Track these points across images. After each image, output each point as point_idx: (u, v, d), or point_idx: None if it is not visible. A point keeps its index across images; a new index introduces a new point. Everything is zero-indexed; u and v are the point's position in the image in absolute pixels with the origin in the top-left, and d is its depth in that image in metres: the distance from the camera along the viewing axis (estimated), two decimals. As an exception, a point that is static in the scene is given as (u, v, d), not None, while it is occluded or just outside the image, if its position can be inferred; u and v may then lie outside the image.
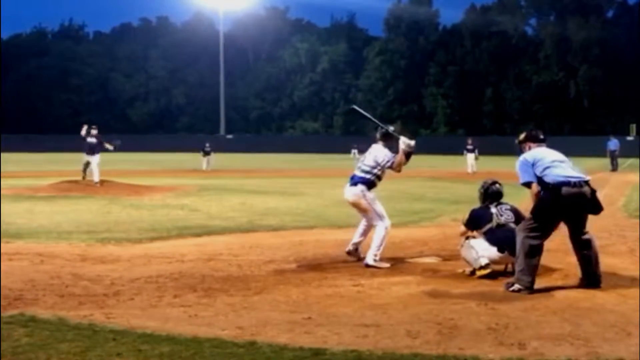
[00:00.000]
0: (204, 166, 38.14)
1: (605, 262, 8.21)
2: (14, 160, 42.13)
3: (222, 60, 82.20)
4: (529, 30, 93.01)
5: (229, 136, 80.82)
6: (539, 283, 7.47)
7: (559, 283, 7.68)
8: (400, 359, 5.00)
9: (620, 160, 40.73)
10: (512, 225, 8.11)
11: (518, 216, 8.34)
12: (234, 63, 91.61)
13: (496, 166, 28.21)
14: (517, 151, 8.15)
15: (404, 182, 23.62)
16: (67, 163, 28.24)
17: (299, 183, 25.79)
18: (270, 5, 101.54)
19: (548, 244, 7.62)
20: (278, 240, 11.12)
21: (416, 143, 8.92)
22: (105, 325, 5.82)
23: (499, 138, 67.24)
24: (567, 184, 7.34)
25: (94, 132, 23.24)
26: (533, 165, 7.54)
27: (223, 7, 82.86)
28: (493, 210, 8.44)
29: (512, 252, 7.71)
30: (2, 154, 32.24)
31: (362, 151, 13.96)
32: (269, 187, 23.25)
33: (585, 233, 7.54)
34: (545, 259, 7.97)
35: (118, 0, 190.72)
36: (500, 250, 8.05)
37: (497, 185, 8.76)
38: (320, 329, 5.76)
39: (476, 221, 8.55)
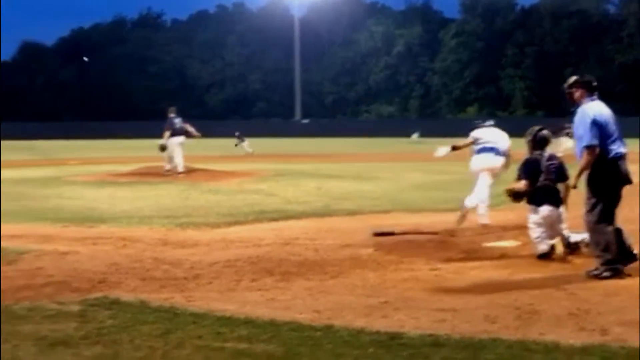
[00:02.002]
0: (243, 151, 37.31)
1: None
2: (95, 147, 43.18)
3: (298, 45, 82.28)
4: (611, 8, 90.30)
5: (305, 121, 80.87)
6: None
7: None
8: (479, 344, 4.94)
9: None
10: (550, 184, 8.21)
11: (563, 174, 8.27)
12: (309, 48, 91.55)
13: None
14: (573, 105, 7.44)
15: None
16: (147, 149, 28.73)
17: (374, 167, 25.72)
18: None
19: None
20: (354, 224, 11.13)
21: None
22: (185, 308, 5.94)
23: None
24: (621, 158, 7.16)
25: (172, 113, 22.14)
26: (601, 127, 7.09)
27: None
28: (543, 165, 8.29)
29: (552, 204, 8.05)
30: (84, 141, 33.03)
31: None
32: (344, 172, 23.24)
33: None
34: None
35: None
36: (539, 205, 8.14)
37: (545, 131, 8.62)
38: (397, 313, 5.76)
39: (530, 170, 8.37)
